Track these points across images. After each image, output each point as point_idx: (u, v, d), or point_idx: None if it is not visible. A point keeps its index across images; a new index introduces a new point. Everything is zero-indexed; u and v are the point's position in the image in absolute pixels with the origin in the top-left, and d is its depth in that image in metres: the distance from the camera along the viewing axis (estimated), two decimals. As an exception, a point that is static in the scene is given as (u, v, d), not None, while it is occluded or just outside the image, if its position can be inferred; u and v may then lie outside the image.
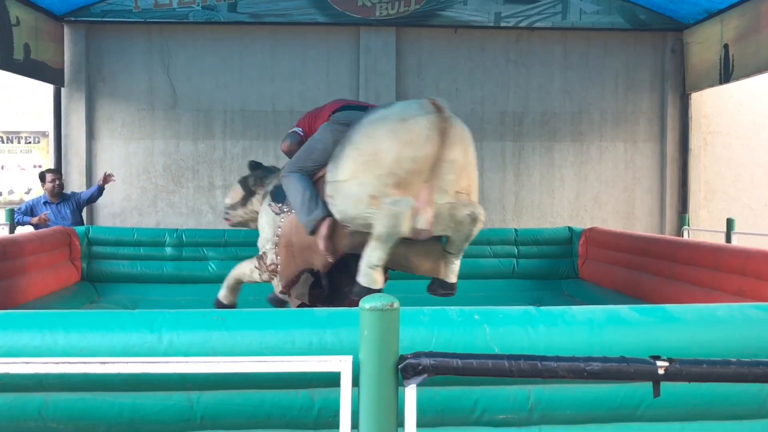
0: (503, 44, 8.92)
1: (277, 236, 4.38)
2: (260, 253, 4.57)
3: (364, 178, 3.65)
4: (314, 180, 4.13)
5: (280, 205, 4.40)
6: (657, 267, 5.60)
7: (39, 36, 7.73)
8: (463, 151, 3.69)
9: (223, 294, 4.96)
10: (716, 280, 4.83)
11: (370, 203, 3.63)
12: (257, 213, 4.79)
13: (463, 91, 8.90)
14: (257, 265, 4.60)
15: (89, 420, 2.37)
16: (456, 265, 4.01)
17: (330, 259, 4.10)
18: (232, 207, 5.04)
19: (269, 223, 4.45)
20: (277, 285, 4.46)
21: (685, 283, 5.18)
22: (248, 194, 4.93)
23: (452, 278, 4.04)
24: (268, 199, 4.58)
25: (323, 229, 3.91)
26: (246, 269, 4.73)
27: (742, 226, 7.87)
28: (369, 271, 3.74)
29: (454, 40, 8.82)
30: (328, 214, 3.92)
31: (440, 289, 4.08)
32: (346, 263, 4.14)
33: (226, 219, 5.14)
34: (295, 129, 4.53)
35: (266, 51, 8.73)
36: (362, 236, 3.79)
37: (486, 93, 8.94)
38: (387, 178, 3.58)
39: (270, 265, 4.45)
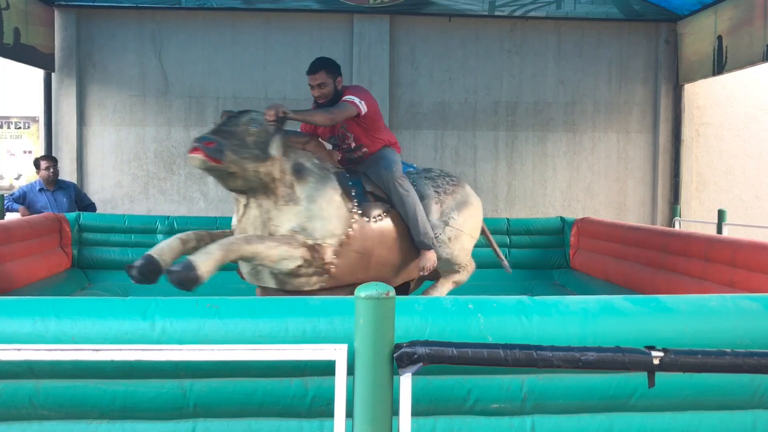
0: (497, 33, 8.89)
1: (346, 236, 3.90)
2: (311, 242, 3.76)
3: (475, 236, 4.81)
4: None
5: (350, 203, 3.99)
6: (648, 257, 5.62)
7: (29, 20, 7.64)
8: None
9: (206, 264, 3.35)
10: (707, 270, 4.85)
11: (468, 257, 4.80)
12: (272, 180, 3.74)
13: (457, 80, 8.87)
14: (305, 255, 3.72)
15: (81, 407, 2.36)
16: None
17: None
18: (252, 159, 3.63)
19: (339, 217, 3.88)
20: (306, 283, 3.84)
21: (676, 274, 5.20)
22: (262, 152, 3.69)
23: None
24: (332, 185, 3.94)
25: (433, 256, 4.37)
26: (274, 252, 3.61)
27: (733, 218, 7.91)
28: None
29: (448, 28, 8.79)
30: None
31: None
32: None
33: (215, 159, 3.47)
34: (362, 106, 4.12)
35: (259, 38, 8.67)
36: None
37: (479, 82, 8.92)
38: (475, 241, 4.85)
39: (327, 263, 3.83)
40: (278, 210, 3.76)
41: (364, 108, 4.12)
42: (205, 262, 3.33)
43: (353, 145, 4.38)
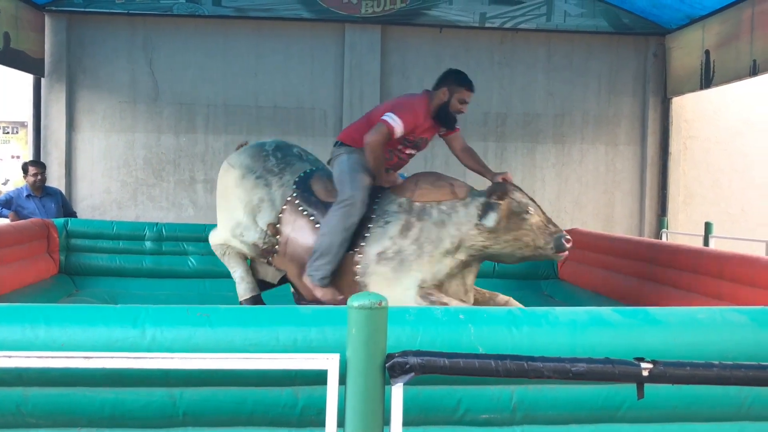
0: (488, 45, 8.95)
1: None
2: None
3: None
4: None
5: None
6: (636, 269, 5.65)
7: (19, 25, 7.62)
8: None
9: None
10: (694, 283, 4.88)
11: None
12: None
13: (447, 91, 8.89)
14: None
15: (69, 415, 2.34)
16: None
17: None
18: None
19: None
20: None
21: (663, 286, 5.24)
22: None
23: None
24: None
25: None
26: None
27: (719, 230, 7.97)
28: None
29: (439, 39, 8.83)
30: None
31: None
32: None
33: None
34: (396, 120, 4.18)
35: (250, 46, 8.68)
36: None
37: (470, 93, 8.94)
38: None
39: None
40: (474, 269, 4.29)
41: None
42: None
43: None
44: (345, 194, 4.08)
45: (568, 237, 3.97)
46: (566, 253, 4.00)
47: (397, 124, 4.10)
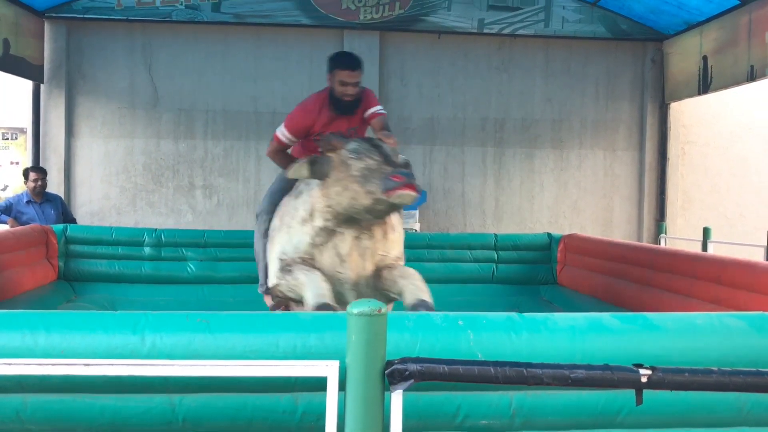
0: (486, 50, 8.98)
1: None
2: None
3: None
4: None
5: None
6: (634, 274, 5.66)
7: (19, 32, 7.63)
8: None
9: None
10: (693, 288, 4.89)
11: None
12: None
13: (446, 97, 8.93)
14: None
15: (69, 422, 2.34)
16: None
17: None
18: None
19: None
20: None
21: (662, 291, 5.24)
22: None
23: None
24: None
25: None
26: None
27: (717, 235, 7.98)
28: None
29: (438, 45, 8.86)
30: None
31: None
32: None
33: (418, 192, 3.42)
34: (384, 111, 4.36)
35: (249, 52, 8.70)
36: None
37: (468, 98, 8.98)
38: None
39: None
40: (386, 239, 3.73)
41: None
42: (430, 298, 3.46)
43: None
44: (258, 208, 4.49)
45: (405, 173, 3.32)
46: (400, 192, 3.27)
47: (281, 133, 4.26)
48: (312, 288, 3.41)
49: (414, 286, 3.53)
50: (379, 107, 4.26)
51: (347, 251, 3.64)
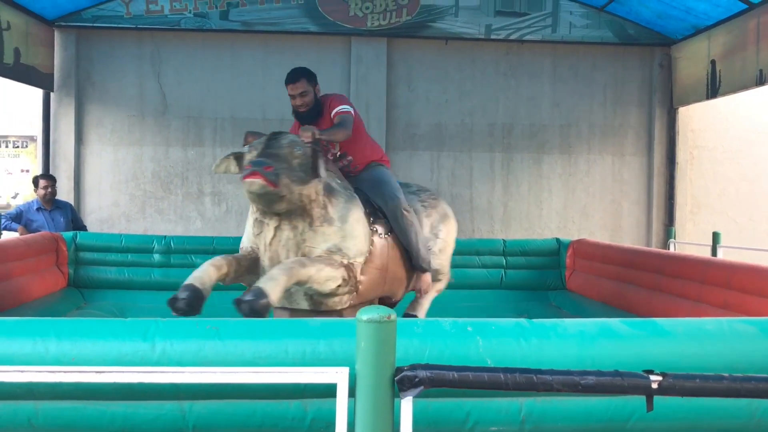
0: (493, 56, 8.98)
1: (369, 253, 3.97)
2: (346, 261, 3.78)
3: (453, 247, 4.94)
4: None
5: (373, 220, 4.10)
6: (644, 279, 5.64)
7: (29, 41, 7.70)
8: None
9: (275, 291, 3.29)
10: (702, 293, 4.87)
11: (449, 266, 4.93)
12: (309, 202, 3.70)
13: (453, 102, 8.94)
14: (344, 274, 3.73)
15: (80, 428, 2.35)
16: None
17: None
18: (300, 182, 3.60)
19: (366, 235, 3.95)
20: (339, 302, 3.83)
21: (671, 296, 5.22)
22: (313, 175, 3.68)
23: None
24: (358, 204, 3.98)
25: (428, 278, 4.52)
26: (322, 274, 3.60)
27: (727, 240, 7.95)
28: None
29: (445, 51, 8.87)
30: None
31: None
32: None
33: (273, 183, 3.41)
34: (351, 110, 4.22)
35: (257, 59, 8.74)
36: None
37: (476, 104, 8.99)
38: None
39: (358, 281, 3.87)
40: (313, 231, 3.73)
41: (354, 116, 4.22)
42: (274, 288, 3.29)
43: (338, 153, 4.38)
44: None
45: (256, 161, 3.45)
46: (245, 180, 3.41)
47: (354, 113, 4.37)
48: (197, 271, 3.49)
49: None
50: (341, 107, 4.20)
51: (268, 241, 3.73)
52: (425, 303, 4.84)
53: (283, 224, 3.72)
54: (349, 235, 3.82)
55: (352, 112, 4.22)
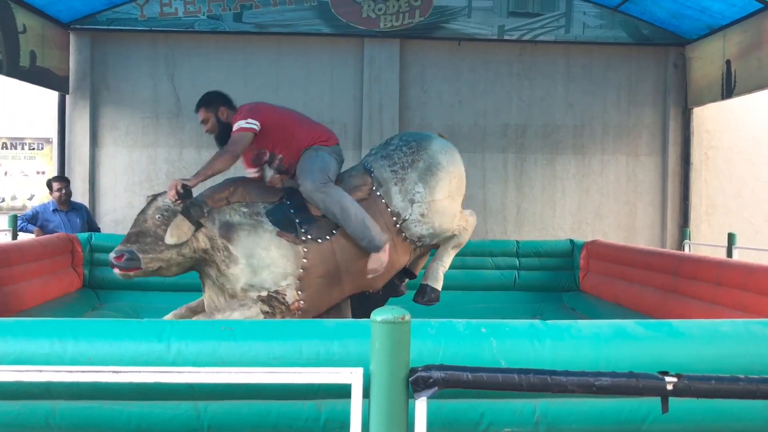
0: (506, 57, 8.96)
1: (302, 269, 3.89)
2: (265, 293, 3.83)
3: (457, 197, 4.45)
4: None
5: (295, 233, 3.93)
6: (658, 281, 5.60)
7: (45, 43, 7.76)
8: None
9: None
10: (718, 294, 4.83)
11: (459, 218, 4.45)
12: (204, 252, 3.88)
13: (466, 103, 8.93)
14: (263, 308, 3.81)
15: (96, 428, 2.38)
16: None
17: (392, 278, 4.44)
18: (171, 247, 3.80)
19: (286, 256, 3.87)
20: None
21: (686, 298, 5.19)
22: (196, 228, 3.84)
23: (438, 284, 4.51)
24: (265, 229, 3.93)
25: (381, 257, 4.08)
26: (236, 317, 3.69)
27: (742, 241, 7.89)
28: (442, 276, 4.47)
29: (458, 52, 8.86)
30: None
31: (422, 297, 4.46)
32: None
33: (132, 269, 3.77)
34: (252, 123, 4.08)
35: (271, 61, 8.77)
36: (420, 251, 4.44)
37: (489, 105, 8.97)
38: (462, 197, 4.50)
39: (293, 303, 3.85)
40: (224, 276, 3.87)
41: (256, 125, 4.06)
42: None
43: (267, 156, 4.31)
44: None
45: (116, 251, 3.84)
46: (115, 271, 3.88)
47: (253, 123, 4.25)
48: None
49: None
50: (235, 125, 4.12)
51: (203, 289, 4.11)
52: (442, 262, 4.49)
53: (202, 274, 4.01)
54: (260, 267, 3.83)
55: (244, 125, 4.05)
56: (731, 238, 7.08)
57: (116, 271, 3.77)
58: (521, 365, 2.23)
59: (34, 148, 8.63)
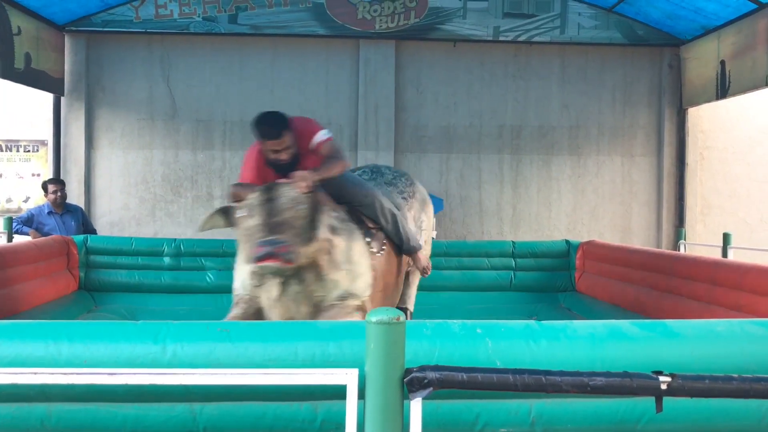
0: (502, 58, 8.98)
1: (373, 279, 3.73)
2: (360, 302, 3.58)
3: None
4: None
5: (369, 241, 3.82)
6: (654, 281, 5.62)
7: (40, 45, 7.75)
8: None
9: None
10: (713, 294, 4.85)
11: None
12: (314, 254, 3.44)
13: (462, 104, 8.94)
14: (360, 318, 3.51)
15: (92, 430, 2.37)
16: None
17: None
18: (299, 237, 3.27)
19: (369, 266, 3.71)
20: None
21: (682, 297, 5.20)
22: (311, 231, 3.36)
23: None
24: (359, 236, 3.73)
25: (423, 255, 4.49)
26: None
27: (737, 241, 7.90)
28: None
29: (453, 53, 8.87)
30: None
31: None
32: None
33: (291, 262, 3.15)
34: (328, 134, 3.83)
35: (266, 62, 8.77)
36: None
37: (484, 106, 8.99)
38: None
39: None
40: (322, 280, 3.46)
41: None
42: None
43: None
44: None
45: (268, 242, 3.10)
46: (261, 264, 3.12)
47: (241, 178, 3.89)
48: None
49: None
50: (320, 135, 3.76)
51: (276, 296, 3.44)
52: (411, 292, 4.76)
53: (289, 279, 3.41)
54: (357, 275, 3.60)
55: (329, 134, 3.83)
56: (726, 238, 7.10)
57: (276, 263, 3.11)
58: (517, 366, 2.23)
59: (29, 151, 8.61)
